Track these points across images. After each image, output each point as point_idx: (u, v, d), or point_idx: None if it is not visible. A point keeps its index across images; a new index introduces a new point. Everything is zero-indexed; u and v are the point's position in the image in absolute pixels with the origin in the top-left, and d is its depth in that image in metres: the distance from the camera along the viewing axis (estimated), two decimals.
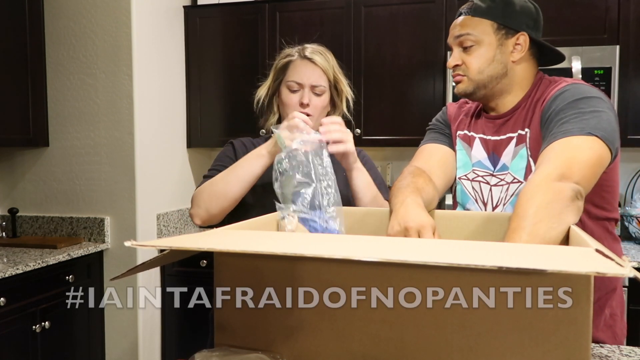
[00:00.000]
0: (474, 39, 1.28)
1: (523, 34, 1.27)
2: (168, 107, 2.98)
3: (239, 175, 1.37)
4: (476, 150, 1.35)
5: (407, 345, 0.70)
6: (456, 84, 1.33)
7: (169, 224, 2.97)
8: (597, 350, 1.10)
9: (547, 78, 1.31)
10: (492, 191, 1.31)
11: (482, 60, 1.28)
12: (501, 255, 0.59)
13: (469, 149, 1.37)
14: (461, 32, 1.29)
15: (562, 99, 1.18)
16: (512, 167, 1.28)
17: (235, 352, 0.75)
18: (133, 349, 2.74)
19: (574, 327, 0.65)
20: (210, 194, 1.39)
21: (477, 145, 1.35)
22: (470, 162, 1.36)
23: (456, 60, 1.31)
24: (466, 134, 1.39)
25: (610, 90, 2.52)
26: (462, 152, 1.38)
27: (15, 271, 2.14)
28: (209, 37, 3.10)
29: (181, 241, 0.65)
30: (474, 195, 1.34)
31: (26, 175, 2.84)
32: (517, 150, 1.28)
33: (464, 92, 1.31)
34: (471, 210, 1.34)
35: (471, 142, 1.36)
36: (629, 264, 0.51)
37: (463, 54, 1.30)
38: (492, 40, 1.28)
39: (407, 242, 0.69)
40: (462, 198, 1.37)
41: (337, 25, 2.90)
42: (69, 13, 2.73)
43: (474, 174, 1.35)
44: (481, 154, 1.34)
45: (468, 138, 1.38)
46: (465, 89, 1.31)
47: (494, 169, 1.31)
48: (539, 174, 1.04)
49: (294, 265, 0.75)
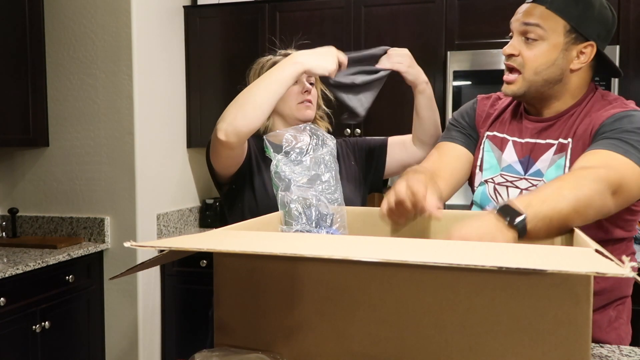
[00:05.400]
0: (541, 34, 1.16)
1: (591, 44, 1.16)
2: (168, 107, 2.98)
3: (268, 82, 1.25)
4: (508, 154, 1.26)
5: (407, 345, 0.70)
6: (507, 83, 1.22)
7: (169, 224, 2.97)
8: (597, 350, 1.10)
9: (600, 91, 1.23)
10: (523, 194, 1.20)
11: (543, 60, 1.17)
12: (501, 255, 0.59)
13: (499, 152, 1.28)
14: (531, 20, 1.17)
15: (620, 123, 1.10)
16: (547, 175, 1.19)
17: (235, 352, 0.75)
18: (133, 349, 2.74)
19: (573, 327, 0.65)
20: (235, 105, 1.26)
21: (509, 148, 1.26)
22: (498, 165, 1.27)
23: (514, 50, 1.20)
24: (497, 135, 1.30)
25: (610, 90, 2.52)
26: (490, 153, 1.30)
27: (15, 271, 2.14)
28: (209, 37, 3.10)
29: (180, 242, 0.65)
30: (497, 199, 1.26)
31: (26, 175, 2.84)
32: (554, 159, 1.19)
33: (513, 94, 1.22)
34: None
35: (503, 145, 1.27)
36: (628, 265, 0.51)
37: (523, 45, 1.19)
38: (559, 41, 1.16)
39: (407, 242, 0.69)
40: (482, 200, 1.30)
41: (337, 25, 2.89)
42: (69, 13, 2.73)
43: (501, 178, 1.26)
44: (512, 158, 1.25)
45: (500, 140, 1.29)
46: (516, 91, 1.21)
47: (525, 173, 1.23)
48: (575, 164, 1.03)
49: (294, 266, 0.75)
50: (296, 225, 1.07)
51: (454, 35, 2.68)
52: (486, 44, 2.66)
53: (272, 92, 1.24)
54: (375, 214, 1.19)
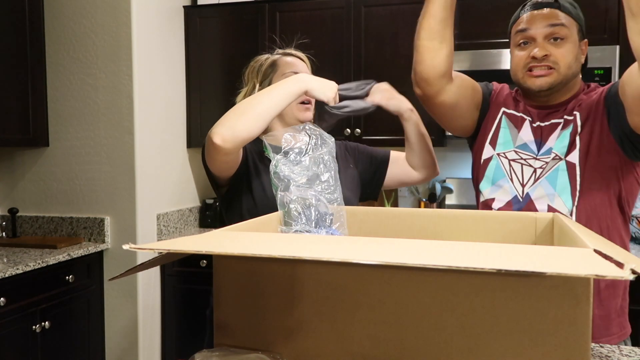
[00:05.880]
0: (566, 33, 1.30)
1: (586, 41, 1.37)
2: (168, 107, 2.98)
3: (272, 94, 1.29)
4: (524, 132, 1.37)
5: (407, 346, 0.70)
6: (541, 76, 1.30)
7: (169, 224, 2.97)
8: (597, 350, 1.10)
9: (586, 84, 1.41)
10: (537, 174, 1.33)
11: (572, 56, 1.31)
12: (500, 256, 0.59)
13: (514, 129, 1.39)
14: (555, 22, 1.29)
15: None
16: (556, 146, 1.32)
17: (235, 352, 0.75)
18: (133, 349, 2.74)
19: (573, 328, 0.65)
20: (236, 112, 1.28)
21: (526, 127, 1.37)
22: (512, 142, 1.38)
23: (545, 51, 1.29)
24: (514, 114, 1.40)
25: None
26: (505, 130, 1.40)
27: (15, 271, 2.14)
28: (209, 37, 3.10)
29: (180, 244, 0.65)
30: (511, 174, 1.36)
31: (26, 175, 2.84)
32: (561, 133, 1.32)
33: (549, 86, 1.31)
34: (503, 187, 1.37)
35: (520, 123, 1.38)
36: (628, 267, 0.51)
37: (550, 46, 1.30)
38: (576, 39, 1.33)
39: (407, 244, 0.69)
40: (496, 173, 1.39)
41: (337, 25, 2.89)
42: (69, 13, 2.73)
43: (515, 155, 1.37)
44: (528, 137, 1.36)
45: (516, 118, 1.39)
46: (552, 82, 1.30)
47: (538, 153, 1.35)
48: None
49: (294, 267, 0.75)
50: (295, 226, 1.06)
51: (454, 35, 2.67)
52: (486, 44, 2.66)
53: (275, 104, 1.28)
54: (376, 214, 1.19)
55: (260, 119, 1.27)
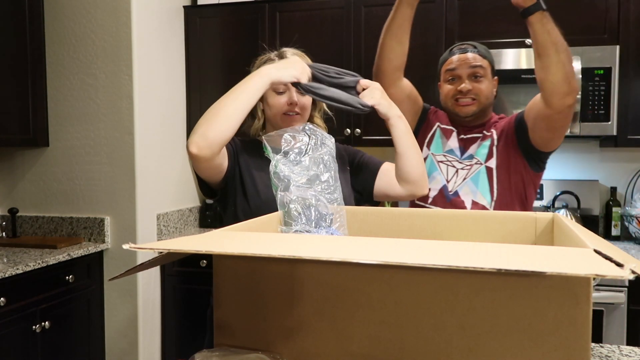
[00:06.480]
0: (484, 73, 1.73)
1: (496, 78, 1.79)
2: (168, 107, 2.98)
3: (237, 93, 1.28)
4: (452, 141, 1.82)
5: (407, 346, 0.70)
6: (467, 105, 1.73)
7: (169, 224, 2.97)
8: (597, 350, 1.10)
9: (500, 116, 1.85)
10: (458, 173, 1.76)
11: (489, 89, 1.75)
12: (500, 256, 0.59)
13: (444, 138, 1.83)
14: (476, 64, 1.72)
15: None
16: (477, 153, 1.76)
17: (235, 352, 0.75)
18: (133, 348, 2.74)
19: (573, 328, 0.65)
20: (206, 118, 1.28)
21: (453, 137, 1.82)
22: (442, 147, 1.83)
23: (470, 86, 1.72)
24: (446, 127, 1.85)
25: (610, 90, 2.52)
26: (438, 138, 1.84)
27: (15, 271, 2.14)
28: (209, 37, 3.10)
29: (180, 244, 0.65)
30: (439, 170, 1.80)
31: (26, 175, 2.84)
32: (480, 143, 1.77)
33: (473, 113, 1.74)
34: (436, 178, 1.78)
35: (449, 134, 1.83)
36: (628, 266, 0.51)
37: (472, 83, 1.72)
38: (490, 77, 1.76)
39: (407, 243, 0.69)
40: (430, 167, 1.80)
41: (337, 25, 2.89)
42: (69, 13, 2.73)
43: (443, 157, 1.81)
44: (455, 145, 1.81)
45: (447, 131, 1.84)
46: (475, 110, 1.74)
47: (461, 157, 1.79)
48: None
49: (294, 267, 0.75)
50: (295, 226, 1.06)
51: (454, 35, 2.68)
52: (486, 44, 2.66)
53: (241, 103, 1.28)
54: (376, 213, 1.19)
55: (231, 121, 1.27)
